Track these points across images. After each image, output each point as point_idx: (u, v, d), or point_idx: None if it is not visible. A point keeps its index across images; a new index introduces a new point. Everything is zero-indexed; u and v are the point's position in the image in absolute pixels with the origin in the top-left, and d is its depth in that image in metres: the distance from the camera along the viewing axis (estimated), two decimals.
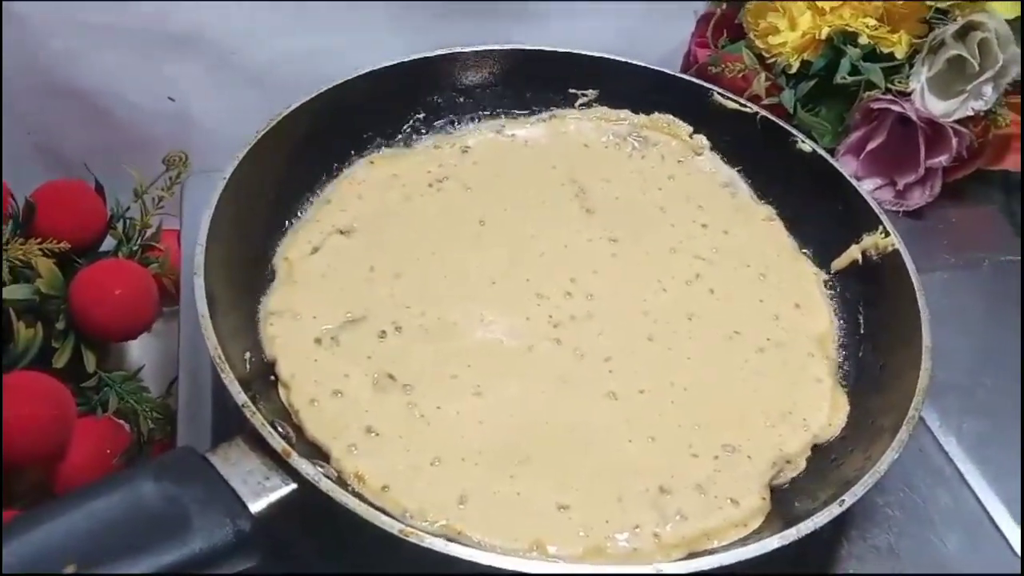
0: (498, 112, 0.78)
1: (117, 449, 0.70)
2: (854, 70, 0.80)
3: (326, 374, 0.59)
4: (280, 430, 0.52)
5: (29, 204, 0.73)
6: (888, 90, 0.80)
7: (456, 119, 0.77)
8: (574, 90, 0.79)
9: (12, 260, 0.69)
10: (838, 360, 0.66)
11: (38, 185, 0.75)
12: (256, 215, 0.66)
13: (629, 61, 0.78)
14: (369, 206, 0.70)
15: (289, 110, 0.68)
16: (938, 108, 0.79)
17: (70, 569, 0.44)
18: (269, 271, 0.65)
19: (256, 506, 0.48)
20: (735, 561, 0.49)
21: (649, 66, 0.78)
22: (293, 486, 0.50)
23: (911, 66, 0.80)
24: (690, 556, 0.53)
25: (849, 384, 0.65)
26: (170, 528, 0.46)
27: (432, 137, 0.76)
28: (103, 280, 0.71)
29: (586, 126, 0.78)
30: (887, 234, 0.67)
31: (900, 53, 0.80)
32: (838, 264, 0.71)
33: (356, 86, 0.71)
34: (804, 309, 0.68)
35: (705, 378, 0.62)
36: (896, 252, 0.66)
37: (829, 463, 0.59)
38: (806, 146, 0.74)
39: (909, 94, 0.79)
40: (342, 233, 0.68)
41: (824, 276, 0.71)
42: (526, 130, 0.78)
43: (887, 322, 0.66)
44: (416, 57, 0.75)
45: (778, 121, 0.75)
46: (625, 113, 0.79)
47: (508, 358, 0.62)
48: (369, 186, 0.72)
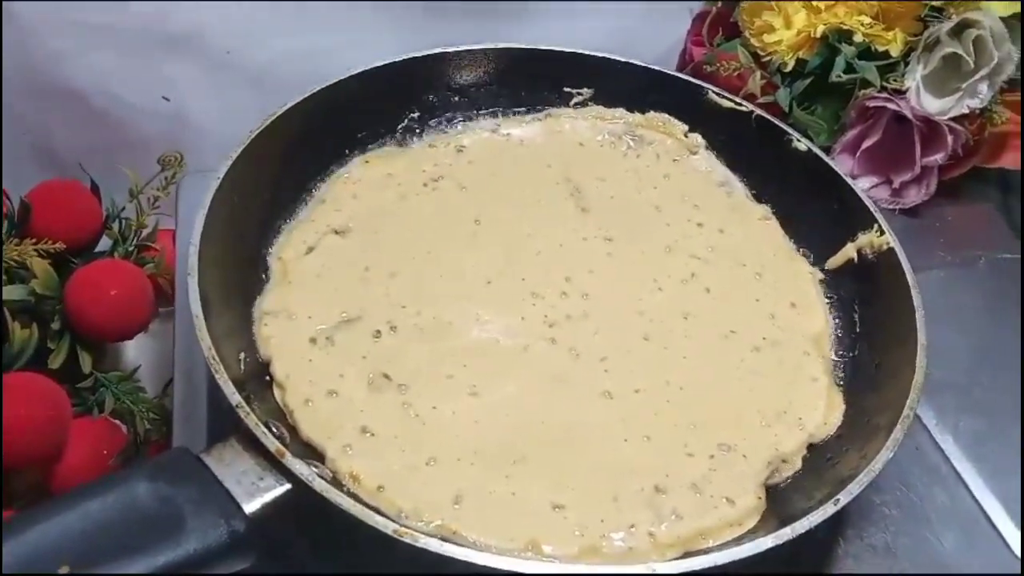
0: (493, 111, 0.78)
1: (113, 449, 0.70)
2: (849, 68, 0.80)
3: (321, 374, 0.59)
4: (274, 430, 0.52)
5: (24, 204, 0.73)
6: (883, 88, 0.80)
7: (451, 118, 0.77)
8: (569, 89, 0.79)
9: (8, 261, 0.69)
10: (834, 359, 0.66)
11: (34, 185, 0.75)
12: (251, 215, 0.66)
13: (624, 60, 0.78)
14: (364, 206, 0.70)
15: (283, 109, 0.68)
16: (933, 106, 0.79)
17: (64, 570, 0.44)
18: (264, 271, 0.65)
19: (250, 506, 0.48)
20: (730, 560, 0.49)
21: (644, 64, 0.78)
22: (287, 486, 0.49)
23: (906, 64, 0.80)
24: (685, 555, 0.53)
25: (845, 383, 0.65)
26: (164, 529, 0.46)
27: (427, 136, 0.76)
28: (98, 280, 0.71)
29: (581, 125, 0.78)
30: (882, 232, 0.67)
31: (895, 51, 0.80)
32: (834, 263, 0.71)
33: (351, 85, 0.71)
34: (800, 308, 0.68)
35: (701, 377, 0.62)
36: (891, 250, 0.66)
37: (825, 462, 0.59)
38: (801, 145, 0.74)
39: (904, 92, 0.79)
40: (337, 233, 0.68)
41: (820, 275, 0.71)
42: (521, 129, 0.78)
43: (882, 321, 0.66)
44: (411, 56, 0.75)
45: (773, 120, 0.75)
46: (620, 112, 0.79)
47: (503, 358, 0.61)
48: (364, 186, 0.71)
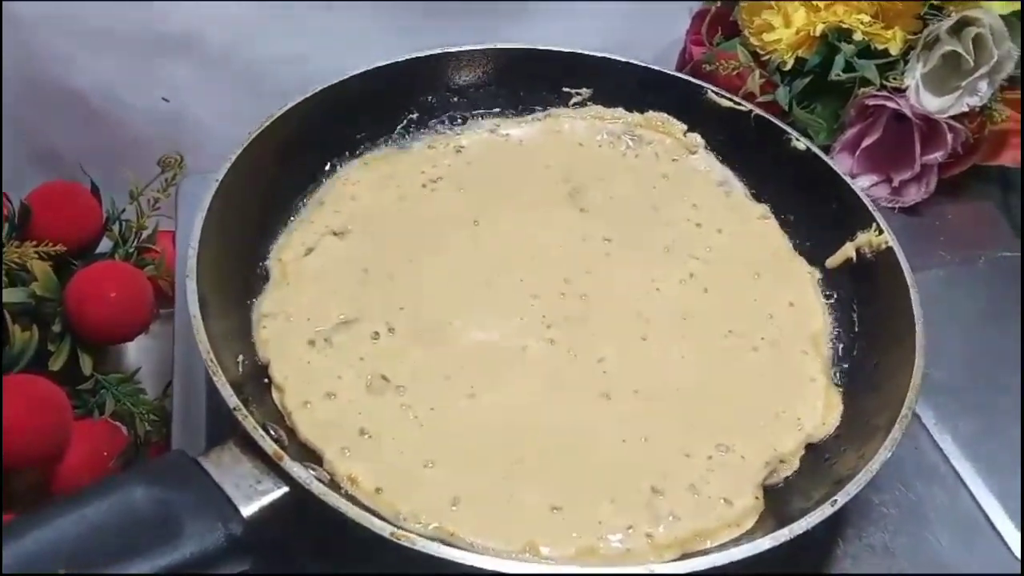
0: (492, 112, 0.78)
1: (114, 451, 0.70)
2: (849, 67, 0.80)
3: (319, 376, 0.59)
4: (272, 433, 0.52)
5: (25, 207, 0.73)
6: (883, 87, 0.79)
7: (450, 119, 0.77)
8: (568, 89, 0.78)
9: (8, 263, 0.69)
10: (832, 359, 0.66)
11: (33, 186, 0.75)
12: (249, 217, 0.66)
13: (623, 59, 0.77)
14: (363, 207, 0.70)
15: (282, 111, 0.68)
16: (933, 104, 0.78)
17: (62, 571, 0.44)
18: (263, 273, 0.65)
19: (248, 510, 0.48)
20: (728, 562, 0.49)
21: (643, 64, 0.77)
22: (285, 489, 0.50)
23: (906, 62, 0.79)
24: (683, 557, 0.53)
25: (843, 383, 0.65)
26: (162, 532, 0.46)
27: (426, 137, 0.76)
28: (98, 282, 0.71)
29: (580, 125, 0.78)
30: (881, 231, 0.67)
31: (895, 49, 0.80)
32: (832, 262, 0.70)
33: (349, 86, 0.71)
34: (798, 308, 0.68)
35: (699, 377, 0.62)
36: (890, 250, 0.66)
37: (823, 462, 0.59)
38: (800, 144, 0.73)
39: (904, 90, 0.79)
40: (336, 234, 0.68)
41: (818, 275, 0.71)
42: (520, 129, 0.78)
43: (881, 320, 0.66)
44: (409, 57, 0.74)
45: (772, 119, 0.75)
46: (619, 112, 0.78)
47: (502, 359, 0.61)
48: (363, 187, 0.71)
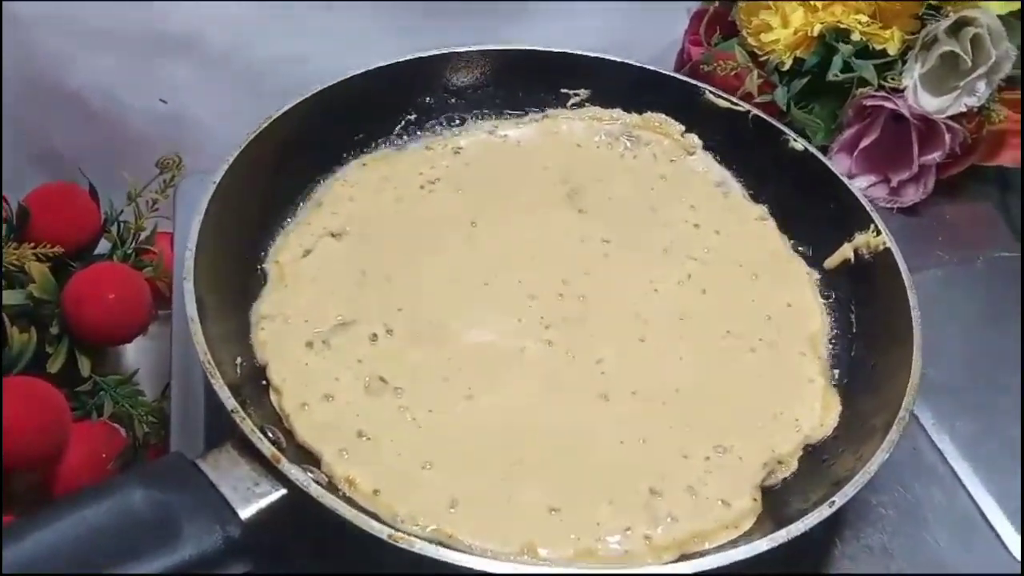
0: (490, 113, 0.78)
1: (112, 453, 0.70)
2: (847, 67, 0.80)
3: (317, 378, 0.59)
4: (270, 435, 0.52)
5: (23, 208, 0.73)
6: (881, 87, 0.79)
7: (448, 120, 0.77)
8: (566, 90, 0.78)
9: (6, 265, 0.69)
10: (830, 360, 0.66)
11: (32, 188, 0.75)
12: (247, 218, 0.66)
13: (620, 60, 0.77)
14: (360, 208, 0.70)
15: (279, 112, 0.68)
16: (931, 104, 0.79)
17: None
18: (260, 275, 0.65)
19: (246, 512, 0.48)
20: (726, 563, 0.50)
21: (640, 65, 0.77)
22: (283, 491, 0.50)
23: (904, 63, 0.79)
24: (681, 558, 0.53)
25: (841, 384, 0.65)
26: (160, 535, 0.46)
27: (424, 138, 0.76)
28: (96, 284, 0.71)
29: (578, 126, 0.78)
30: (878, 233, 0.67)
31: (893, 50, 0.80)
32: (830, 263, 0.70)
33: (347, 88, 0.71)
34: (796, 309, 0.68)
35: (697, 379, 0.62)
36: (888, 251, 0.66)
37: (821, 463, 0.59)
38: (798, 144, 0.73)
39: (902, 91, 0.79)
40: (333, 236, 0.68)
41: (816, 275, 0.71)
42: (518, 130, 0.78)
43: (879, 321, 0.66)
44: (407, 58, 0.74)
45: (770, 120, 0.75)
46: (617, 112, 0.78)
47: (500, 360, 0.61)
48: (361, 188, 0.71)
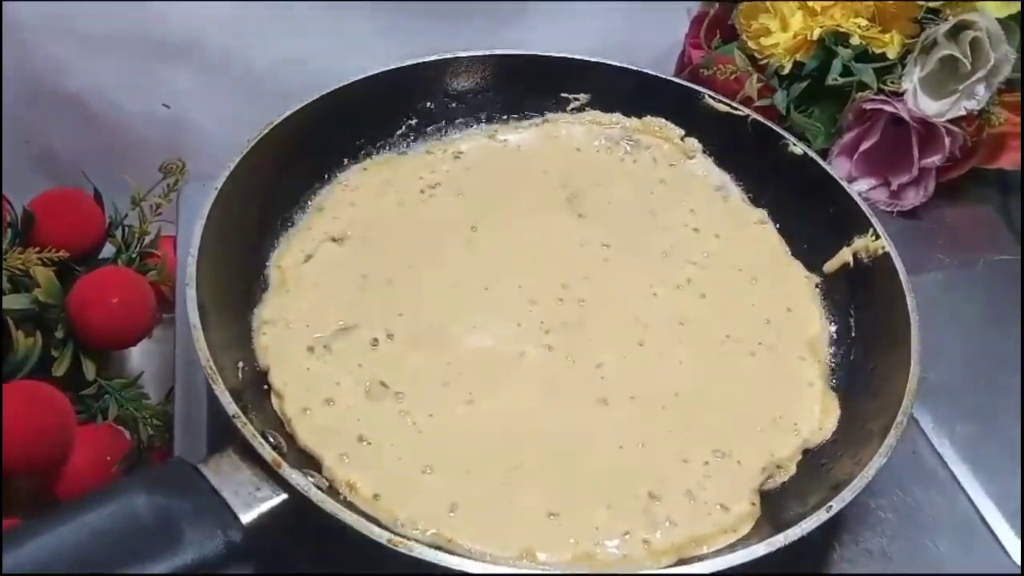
0: (490, 117, 0.78)
1: (117, 456, 0.71)
2: (846, 71, 0.80)
3: (318, 383, 0.59)
4: (271, 440, 0.52)
5: (28, 213, 0.73)
6: (880, 90, 0.80)
7: (448, 125, 0.77)
8: (566, 94, 0.79)
9: (11, 269, 0.69)
10: (829, 364, 0.66)
11: (35, 193, 0.76)
12: (249, 224, 0.66)
13: (620, 64, 0.78)
14: (362, 213, 0.70)
15: (281, 118, 0.68)
16: (931, 108, 0.79)
17: None
18: (262, 280, 0.66)
19: (247, 517, 0.49)
20: (724, 567, 0.50)
21: (640, 69, 0.78)
22: (284, 496, 0.50)
23: (903, 66, 0.79)
24: (680, 562, 0.53)
25: (840, 388, 0.65)
26: (162, 540, 0.47)
27: (424, 143, 0.76)
28: (101, 288, 0.71)
29: (578, 130, 0.78)
30: (877, 237, 0.67)
31: (892, 53, 0.80)
32: (829, 267, 0.70)
33: (348, 92, 0.71)
34: (795, 313, 0.68)
35: (696, 383, 0.62)
36: (887, 255, 0.66)
37: (820, 467, 0.60)
38: (797, 149, 0.73)
39: (902, 94, 0.79)
40: (335, 241, 0.68)
41: (816, 279, 0.71)
42: (518, 135, 0.78)
43: (878, 325, 0.66)
44: (408, 63, 0.75)
45: (769, 124, 0.75)
46: (617, 117, 0.79)
47: (500, 365, 0.62)
48: (362, 193, 0.72)
